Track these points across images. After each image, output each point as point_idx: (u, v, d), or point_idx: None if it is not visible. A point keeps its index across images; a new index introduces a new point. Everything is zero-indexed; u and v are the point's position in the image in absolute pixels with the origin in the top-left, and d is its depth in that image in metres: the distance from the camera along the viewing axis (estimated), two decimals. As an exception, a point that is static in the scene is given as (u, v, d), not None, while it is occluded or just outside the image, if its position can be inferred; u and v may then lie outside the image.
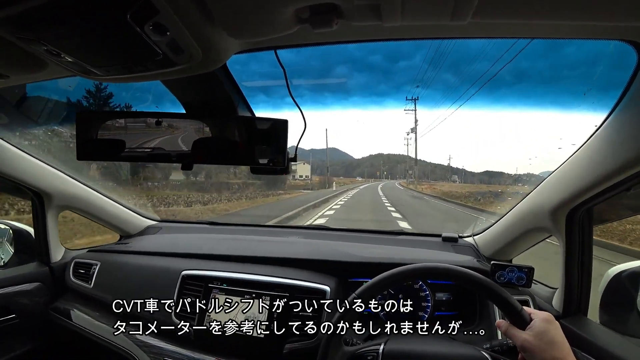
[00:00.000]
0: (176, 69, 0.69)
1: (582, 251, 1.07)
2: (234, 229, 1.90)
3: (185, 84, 0.87)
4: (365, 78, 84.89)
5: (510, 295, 0.82)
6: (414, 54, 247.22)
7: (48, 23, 0.57)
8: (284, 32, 0.56)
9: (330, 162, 35.08)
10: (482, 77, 20.78)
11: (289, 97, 0.85)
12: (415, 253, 1.44)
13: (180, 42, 0.60)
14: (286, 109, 0.90)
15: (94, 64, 0.70)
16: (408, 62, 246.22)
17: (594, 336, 1.00)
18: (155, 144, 0.87)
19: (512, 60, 10.34)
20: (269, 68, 0.84)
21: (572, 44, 0.74)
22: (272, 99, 1.26)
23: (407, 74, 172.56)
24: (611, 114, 0.84)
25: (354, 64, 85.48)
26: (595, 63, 1.02)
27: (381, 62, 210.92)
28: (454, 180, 51.69)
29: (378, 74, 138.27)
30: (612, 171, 0.85)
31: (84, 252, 1.61)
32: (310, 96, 1.06)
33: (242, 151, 0.88)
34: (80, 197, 1.60)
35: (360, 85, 50.98)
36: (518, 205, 1.27)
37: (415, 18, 0.52)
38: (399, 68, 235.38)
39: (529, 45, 8.47)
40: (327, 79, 11.66)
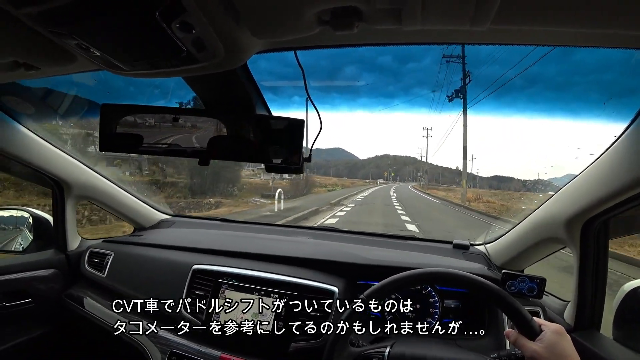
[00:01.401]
0: (198, 66, 0.71)
1: (596, 264, 1.05)
2: (246, 227, 1.92)
3: (206, 81, 0.89)
4: (375, 79, 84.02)
5: (520, 304, 0.81)
6: (424, 56, 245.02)
7: (80, 18, 0.60)
8: (305, 33, 0.57)
9: (335, 162, 26.78)
10: (494, 82, 20.26)
11: (297, 97, 0.86)
12: (426, 258, 1.43)
13: (205, 40, 0.62)
14: (297, 109, 0.91)
15: (120, 59, 0.73)
16: (418, 64, 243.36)
17: (607, 352, 0.98)
18: (174, 139, 0.90)
19: (530, 66, 10.03)
20: (281, 68, 0.85)
21: (592, 51, 0.73)
22: (283, 99, 1.28)
23: (416, 76, 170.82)
24: (632, 124, 0.82)
25: (363, 65, 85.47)
26: (616, 72, 1.01)
27: (391, 63, 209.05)
28: (426, 180, 50.89)
29: (387, 75, 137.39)
30: (631, 183, 0.83)
31: (99, 242, 1.65)
32: (318, 96, 1.08)
33: (258, 149, 0.89)
34: (98, 188, 1.64)
35: (368, 86, 50.69)
36: (532, 214, 1.25)
37: (435, 23, 0.52)
38: (408, 70, 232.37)
39: (544, 51, 8.17)
40: (336, 81, 11.50)
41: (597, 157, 0.93)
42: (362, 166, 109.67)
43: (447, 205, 17.51)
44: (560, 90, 26.44)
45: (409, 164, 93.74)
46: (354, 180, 62.57)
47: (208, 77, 0.82)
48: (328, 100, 13.24)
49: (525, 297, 1.13)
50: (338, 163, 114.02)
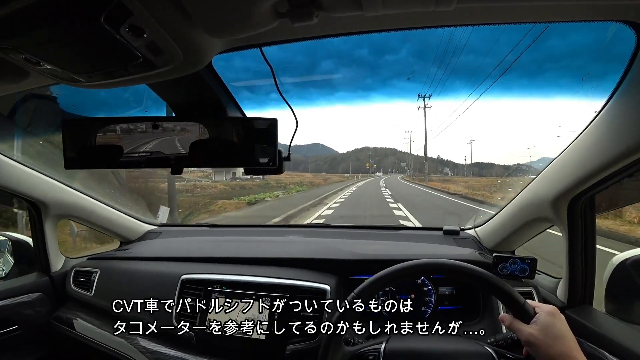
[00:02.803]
0: (159, 71, 0.67)
1: (585, 240, 1.05)
2: (234, 231, 1.89)
3: (171, 87, 0.85)
4: (352, 73, 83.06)
5: (512, 288, 0.80)
6: (400, 48, 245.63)
7: (23, 31, 0.56)
8: (264, 28, 0.54)
9: (314, 158, 22.36)
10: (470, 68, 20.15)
11: (277, 94, 0.83)
12: (416, 248, 1.42)
13: (159, 43, 0.59)
14: (275, 106, 0.88)
15: (75, 71, 0.69)
16: (395, 56, 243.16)
17: (600, 326, 0.98)
18: (145, 149, 0.86)
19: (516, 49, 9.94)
20: (257, 66, 0.82)
21: (567, 27, 0.72)
22: (260, 97, 1.25)
23: (394, 68, 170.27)
24: (610, 99, 0.82)
25: (340, 59, 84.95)
26: (592, 47, 1.00)
27: (367, 56, 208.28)
28: (446, 173, 50.59)
29: (365, 68, 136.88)
30: (613, 158, 0.83)
31: (84, 260, 1.60)
32: (295, 92, 1.05)
33: (234, 152, 0.86)
34: (77, 206, 1.59)
35: (346, 79, 50.87)
36: (519, 195, 1.25)
37: (397, 6, 0.49)
38: (386, 62, 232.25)
39: (519, 29, 8.24)
40: (313, 76, 11.03)
41: (579, 135, 0.93)
42: (342, 160, 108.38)
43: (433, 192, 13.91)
44: (541, 70, 26.42)
45: (390, 155, 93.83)
46: (331, 175, 52.94)
47: (172, 82, 0.78)
48: (305, 96, 13.00)
49: (517, 279, 1.13)
50: (317, 158, 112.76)
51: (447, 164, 67.98)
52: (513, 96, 19.59)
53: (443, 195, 15.74)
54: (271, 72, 0.80)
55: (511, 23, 0.64)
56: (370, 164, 67.45)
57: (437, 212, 10.54)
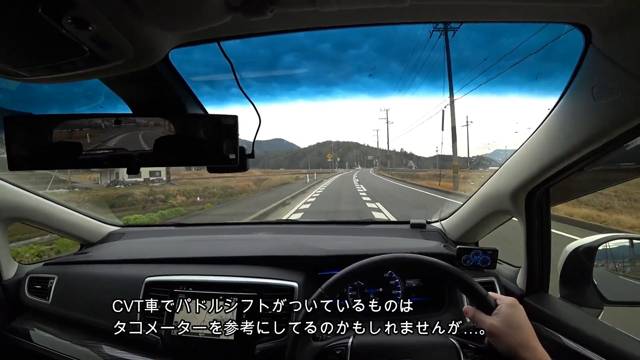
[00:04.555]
0: (109, 66, 0.64)
1: (541, 231, 1.10)
2: (201, 229, 1.85)
3: (126, 82, 0.81)
4: (314, 67, 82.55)
5: (475, 282, 0.83)
6: (363, 43, 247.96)
7: None
8: (217, 22, 0.52)
9: (275, 153, 16.92)
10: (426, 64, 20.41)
11: (235, 89, 0.81)
12: (384, 242, 1.45)
13: (107, 37, 0.55)
14: (237, 102, 0.86)
15: (14, 64, 0.63)
16: (357, 51, 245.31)
17: (555, 311, 1.04)
18: (99, 148, 0.81)
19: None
20: (217, 60, 0.79)
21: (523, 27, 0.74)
22: (221, 92, 1.22)
23: (356, 63, 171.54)
24: (562, 97, 0.85)
25: (303, 53, 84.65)
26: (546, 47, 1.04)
27: (330, 50, 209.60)
28: (410, 166, 51.39)
29: (327, 63, 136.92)
30: (566, 153, 0.87)
31: (39, 267, 1.51)
32: (257, 87, 1.03)
33: (195, 150, 0.83)
34: (30, 208, 1.49)
35: (309, 74, 50.14)
36: (480, 189, 1.30)
37: (351, 2, 0.49)
38: (349, 57, 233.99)
39: (474, 28, 8.36)
40: (275, 70, 10.58)
41: (534, 131, 0.97)
42: (304, 155, 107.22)
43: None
44: (497, 68, 26.92)
45: (353, 148, 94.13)
46: (278, 172, 41.01)
47: (127, 77, 0.74)
48: (268, 91, 12.58)
49: (480, 269, 1.18)
50: (278, 154, 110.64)
51: (411, 157, 69.37)
52: (473, 94, 20.03)
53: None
54: (231, 67, 0.78)
55: (465, 22, 0.65)
56: (332, 156, 56.81)
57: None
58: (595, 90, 0.75)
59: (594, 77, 0.75)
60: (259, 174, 27.51)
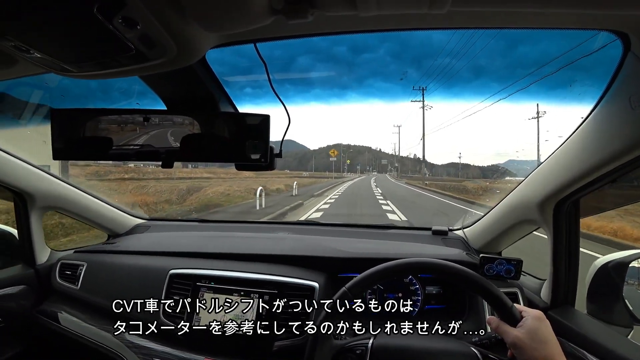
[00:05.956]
0: (151, 64, 0.66)
1: (569, 243, 1.07)
2: (223, 226, 1.89)
3: (163, 80, 0.84)
4: (329, 70, 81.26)
5: (500, 292, 0.81)
6: (378, 47, 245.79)
7: (12, 17, 0.55)
8: (258, 24, 0.54)
9: (283, 154, 13.02)
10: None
11: (259, 91, 0.83)
12: (405, 247, 1.43)
13: (153, 36, 0.58)
14: (257, 103, 0.88)
15: (65, 60, 0.67)
16: (372, 55, 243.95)
17: (581, 327, 1.01)
18: (135, 142, 0.85)
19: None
20: (243, 62, 0.81)
21: (557, 34, 0.73)
22: (244, 94, 1.24)
23: (371, 67, 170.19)
24: (597, 106, 0.83)
25: (318, 55, 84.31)
26: (581, 54, 1.01)
27: (346, 54, 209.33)
28: (424, 172, 50.57)
29: (342, 66, 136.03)
30: (598, 163, 0.85)
31: (70, 253, 1.58)
32: (263, 91, 1.06)
33: (226, 147, 0.86)
34: (64, 197, 1.56)
35: (322, 77, 50.23)
36: (506, 197, 1.27)
37: (391, 7, 0.50)
38: (363, 60, 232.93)
39: (508, 33, 8.25)
40: (290, 73, 10.66)
41: (566, 140, 0.95)
42: (312, 156, 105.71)
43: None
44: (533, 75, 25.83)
45: (364, 152, 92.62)
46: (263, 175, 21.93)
47: (165, 75, 0.78)
48: (281, 92, 12.70)
49: (503, 279, 1.15)
50: (287, 155, 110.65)
51: (424, 164, 68.36)
52: (489, 100, 18.76)
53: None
54: (265, 69, 0.80)
55: (502, 28, 0.65)
56: (337, 154, 43.13)
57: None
58: (633, 99, 0.73)
59: (632, 86, 0.73)
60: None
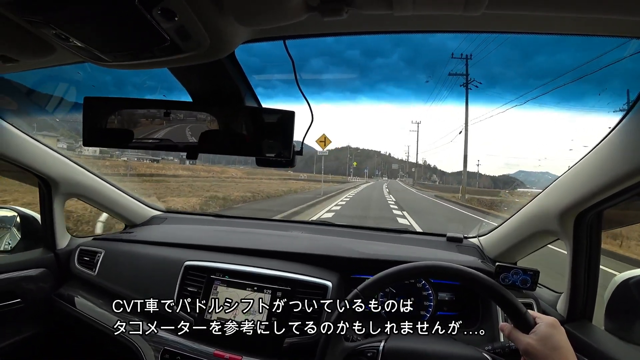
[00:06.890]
0: (183, 56, 0.68)
1: (589, 256, 1.05)
2: (239, 222, 1.91)
3: (192, 73, 0.86)
4: (341, 73, 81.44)
5: (515, 298, 0.80)
6: (392, 52, 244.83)
7: (57, 6, 0.57)
8: (292, 20, 0.55)
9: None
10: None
11: (282, 87, 0.84)
12: (419, 252, 1.42)
13: (189, 28, 0.60)
14: (279, 100, 0.88)
15: (102, 50, 0.70)
16: (385, 60, 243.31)
17: (598, 342, 0.98)
18: (161, 133, 0.87)
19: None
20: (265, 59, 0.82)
21: (584, 41, 0.72)
22: (267, 90, 1.26)
23: (383, 72, 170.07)
24: (626, 116, 0.82)
25: (331, 58, 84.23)
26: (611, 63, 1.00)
27: (358, 57, 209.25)
28: (434, 180, 49.75)
29: (354, 69, 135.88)
30: (624, 175, 0.83)
31: (89, 240, 1.62)
32: (282, 88, 1.06)
33: (249, 142, 0.87)
34: (87, 185, 1.61)
35: (334, 80, 49.40)
36: (525, 207, 1.25)
37: (427, 8, 0.50)
38: (376, 65, 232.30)
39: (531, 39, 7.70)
40: (302, 73, 10.56)
41: (591, 149, 0.93)
42: (319, 159, 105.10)
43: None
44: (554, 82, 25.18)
45: (373, 156, 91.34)
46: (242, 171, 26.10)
47: (194, 68, 0.80)
48: (292, 92, 12.67)
49: (518, 289, 1.13)
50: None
51: (435, 171, 67.17)
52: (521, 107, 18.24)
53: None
54: (292, 66, 0.81)
55: (536, 33, 0.64)
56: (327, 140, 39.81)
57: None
58: None
59: None
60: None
